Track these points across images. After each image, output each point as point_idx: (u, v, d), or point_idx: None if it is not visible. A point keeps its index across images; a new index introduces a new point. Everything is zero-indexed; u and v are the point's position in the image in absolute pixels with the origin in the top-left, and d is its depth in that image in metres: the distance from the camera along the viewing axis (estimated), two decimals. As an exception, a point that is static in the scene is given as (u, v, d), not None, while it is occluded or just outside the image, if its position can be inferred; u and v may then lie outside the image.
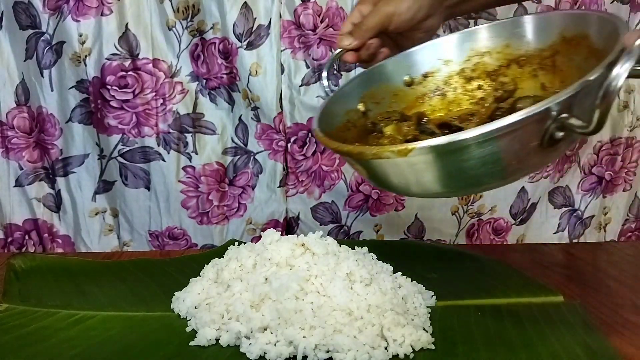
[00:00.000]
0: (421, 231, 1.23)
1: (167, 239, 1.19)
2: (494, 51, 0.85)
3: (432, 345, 0.71)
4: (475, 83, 0.88)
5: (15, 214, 1.16)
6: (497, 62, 0.86)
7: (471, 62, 0.87)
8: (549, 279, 0.95)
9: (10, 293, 0.84)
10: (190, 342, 0.72)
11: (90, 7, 1.08)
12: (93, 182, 1.17)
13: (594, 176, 1.24)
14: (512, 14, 1.11)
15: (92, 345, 0.71)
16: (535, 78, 0.84)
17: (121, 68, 1.10)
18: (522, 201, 1.22)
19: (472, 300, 0.85)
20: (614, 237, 1.29)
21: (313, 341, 0.68)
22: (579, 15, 0.79)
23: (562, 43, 0.80)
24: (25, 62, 1.10)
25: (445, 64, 0.88)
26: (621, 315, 0.82)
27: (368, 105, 0.87)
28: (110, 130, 1.13)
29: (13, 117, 1.12)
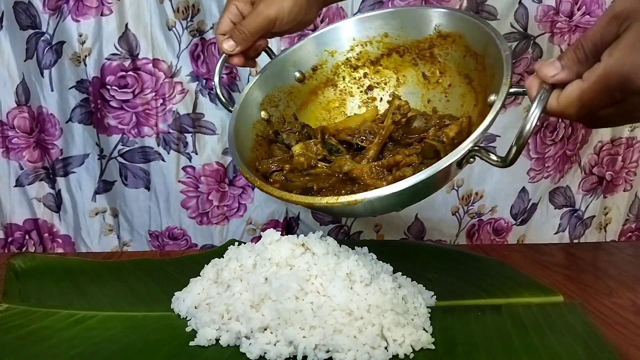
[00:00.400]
0: (421, 231, 1.23)
1: (167, 239, 1.19)
2: (374, 40, 0.91)
3: (432, 345, 0.72)
4: (361, 71, 0.94)
5: (15, 213, 1.16)
6: (379, 51, 0.92)
7: (355, 52, 0.93)
8: (549, 279, 0.96)
9: (10, 293, 0.84)
10: (190, 342, 0.72)
11: (90, 7, 1.07)
12: (93, 182, 1.16)
13: (595, 176, 1.24)
14: (513, 12, 1.12)
15: (92, 345, 0.71)
16: (416, 66, 0.92)
17: (121, 68, 1.10)
18: (523, 201, 1.22)
19: (472, 300, 0.85)
20: (614, 237, 1.29)
21: (313, 341, 0.68)
22: (453, 16, 0.85)
23: (438, 37, 0.87)
24: (25, 62, 1.10)
25: (331, 55, 0.93)
26: (621, 315, 0.82)
27: (269, 111, 0.90)
28: (110, 130, 1.13)
29: (13, 117, 1.12)
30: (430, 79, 0.92)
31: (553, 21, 1.12)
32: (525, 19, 1.12)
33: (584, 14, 1.12)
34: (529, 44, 1.13)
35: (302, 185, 0.79)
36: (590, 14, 1.12)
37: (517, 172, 1.20)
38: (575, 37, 1.13)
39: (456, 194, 1.20)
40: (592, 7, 1.12)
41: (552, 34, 1.13)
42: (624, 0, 0.57)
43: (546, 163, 1.20)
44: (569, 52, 0.61)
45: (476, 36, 0.82)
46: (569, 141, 1.20)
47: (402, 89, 0.94)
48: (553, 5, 1.11)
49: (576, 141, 1.21)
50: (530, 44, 1.13)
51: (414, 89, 0.94)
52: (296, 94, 0.93)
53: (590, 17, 1.12)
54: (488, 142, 1.16)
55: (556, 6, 1.12)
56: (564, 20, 1.12)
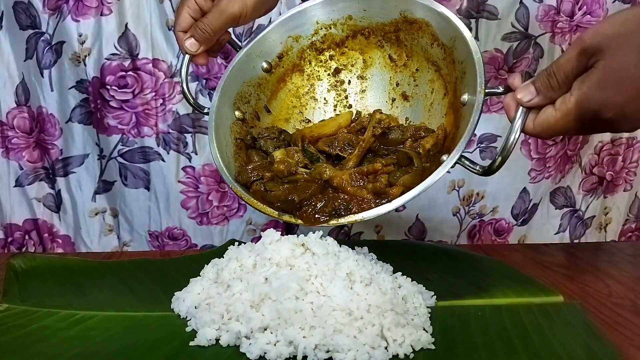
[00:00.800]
0: (422, 232, 1.23)
1: (167, 239, 1.19)
2: (338, 23, 0.92)
3: (432, 345, 0.72)
4: (327, 54, 0.94)
5: (15, 214, 1.16)
6: (344, 33, 0.93)
7: (319, 35, 0.93)
8: (549, 279, 0.96)
9: (10, 293, 0.84)
10: (190, 342, 0.72)
11: (89, 7, 1.07)
12: (93, 182, 1.16)
13: (595, 176, 1.24)
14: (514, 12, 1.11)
15: (92, 345, 0.71)
16: (382, 49, 0.93)
17: (121, 68, 1.10)
18: (524, 202, 1.22)
19: (472, 300, 0.85)
20: (614, 238, 1.29)
21: (313, 341, 0.68)
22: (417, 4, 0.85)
23: (404, 22, 0.88)
24: (25, 62, 1.10)
25: (295, 41, 0.93)
26: (621, 315, 0.82)
27: (242, 108, 0.91)
28: (110, 130, 1.13)
29: (13, 117, 1.12)
30: (398, 62, 0.93)
31: (554, 21, 1.12)
32: (526, 18, 1.11)
33: (585, 14, 1.12)
34: (529, 44, 1.13)
35: (283, 196, 0.79)
36: (591, 13, 1.12)
37: (518, 173, 1.20)
38: (576, 36, 1.13)
39: (457, 194, 1.20)
40: (593, 7, 1.12)
41: (553, 33, 1.13)
42: (591, 36, 0.63)
43: (547, 163, 1.20)
44: (542, 78, 0.67)
45: (444, 28, 0.84)
46: (569, 141, 1.20)
47: (370, 70, 0.95)
48: (554, 4, 1.11)
49: (577, 141, 1.21)
50: (531, 43, 1.13)
51: (381, 71, 0.95)
52: (265, 85, 0.93)
53: (591, 17, 1.12)
54: (489, 142, 1.16)
55: (557, 6, 1.12)
56: (565, 20, 1.12)
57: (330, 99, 0.97)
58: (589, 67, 0.63)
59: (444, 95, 0.89)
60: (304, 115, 0.97)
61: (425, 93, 0.92)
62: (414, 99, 0.94)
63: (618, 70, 0.61)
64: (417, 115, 0.94)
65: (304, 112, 0.97)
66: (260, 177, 0.82)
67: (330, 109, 0.97)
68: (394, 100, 0.95)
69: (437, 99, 0.90)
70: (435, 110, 0.92)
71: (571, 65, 0.64)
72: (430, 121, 0.92)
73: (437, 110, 0.91)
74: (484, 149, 1.16)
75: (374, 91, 0.96)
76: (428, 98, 0.92)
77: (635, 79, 0.61)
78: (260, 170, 0.83)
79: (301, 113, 0.97)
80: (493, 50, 1.13)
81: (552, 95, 0.67)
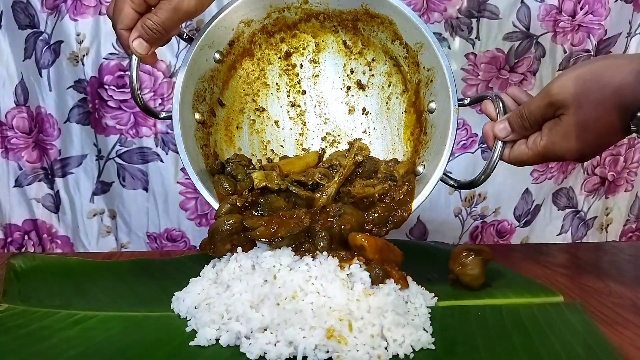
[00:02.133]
0: (424, 233, 1.22)
1: (166, 240, 1.19)
2: (293, 7, 0.90)
3: (432, 345, 0.71)
4: (278, 36, 0.93)
5: (14, 214, 1.16)
6: (297, 16, 0.91)
7: (272, 18, 0.91)
8: (550, 279, 0.96)
9: (10, 293, 0.84)
10: (190, 342, 0.72)
11: (88, 7, 1.07)
12: (91, 183, 1.16)
13: (597, 177, 1.24)
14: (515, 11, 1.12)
15: (92, 345, 0.71)
16: (337, 34, 0.93)
17: (119, 68, 1.10)
18: (527, 203, 1.22)
19: (472, 300, 0.85)
20: (615, 238, 1.29)
21: (313, 341, 0.68)
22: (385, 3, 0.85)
23: (364, 14, 0.88)
24: (24, 62, 1.10)
25: (247, 26, 0.91)
26: (621, 315, 0.82)
27: (199, 109, 0.89)
28: (108, 130, 1.12)
29: (12, 117, 1.12)
30: (352, 49, 0.93)
31: (556, 20, 1.12)
32: (527, 18, 1.12)
33: (587, 13, 1.12)
34: (531, 44, 1.13)
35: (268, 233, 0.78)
36: (593, 13, 1.12)
37: (520, 174, 1.20)
38: (578, 36, 1.13)
39: (459, 195, 1.20)
40: (595, 7, 1.12)
41: (554, 33, 1.13)
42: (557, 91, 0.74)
43: (549, 164, 1.20)
44: (516, 119, 0.79)
45: (410, 30, 0.86)
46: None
47: (322, 54, 0.95)
48: (555, 4, 1.11)
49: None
50: (532, 43, 1.13)
51: (334, 56, 0.95)
52: (217, 76, 0.91)
53: (593, 17, 1.12)
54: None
55: (559, 5, 1.12)
56: (566, 20, 1.12)
57: (282, 84, 0.96)
58: (556, 116, 0.75)
59: (403, 91, 0.91)
60: (257, 103, 0.96)
61: (382, 85, 0.93)
62: (371, 89, 0.94)
63: (579, 125, 0.73)
64: (375, 106, 0.95)
65: (257, 100, 0.96)
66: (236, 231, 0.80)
67: (283, 95, 0.96)
68: (349, 88, 0.95)
69: (395, 92, 0.92)
70: (393, 104, 0.93)
71: (540, 112, 0.76)
72: (389, 115, 0.94)
73: (396, 104, 0.93)
74: (485, 149, 1.16)
75: (327, 76, 0.96)
76: (385, 90, 0.93)
77: (592, 131, 0.73)
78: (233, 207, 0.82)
79: (254, 101, 0.95)
80: (494, 50, 1.13)
81: (524, 133, 0.80)
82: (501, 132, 0.81)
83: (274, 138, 0.97)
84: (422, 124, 0.90)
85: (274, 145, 0.97)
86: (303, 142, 0.98)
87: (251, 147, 0.96)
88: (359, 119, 0.97)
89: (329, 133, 0.98)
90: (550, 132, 0.76)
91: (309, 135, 0.98)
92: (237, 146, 0.95)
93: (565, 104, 0.73)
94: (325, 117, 0.97)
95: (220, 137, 0.93)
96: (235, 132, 0.95)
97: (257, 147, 0.96)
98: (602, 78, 0.71)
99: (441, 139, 0.85)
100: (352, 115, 0.97)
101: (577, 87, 0.72)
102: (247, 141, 0.96)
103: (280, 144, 0.97)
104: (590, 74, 0.72)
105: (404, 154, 0.94)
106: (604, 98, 0.71)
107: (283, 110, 0.97)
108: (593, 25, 1.13)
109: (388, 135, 0.96)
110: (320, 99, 0.97)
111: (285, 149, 0.97)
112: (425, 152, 0.89)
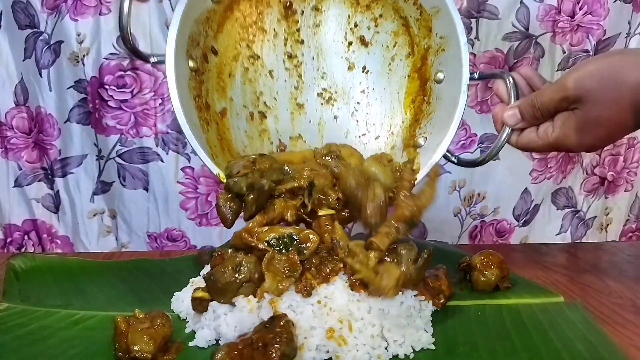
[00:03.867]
0: (423, 233, 1.22)
1: (166, 240, 1.19)
2: None
3: (432, 346, 0.71)
4: None
5: (14, 214, 1.16)
6: None
7: None
8: (549, 279, 0.96)
9: (10, 293, 0.84)
10: (190, 343, 0.72)
11: (88, 7, 1.07)
12: (91, 183, 1.16)
13: (596, 177, 1.24)
14: (514, 12, 1.11)
15: (92, 345, 0.71)
16: None
17: (119, 68, 1.10)
18: (526, 202, 1.22)
19: (472, 300, 0.85)
20: (615, 238, 1.29)
21: (313, 342, 0.68)
22: None
23: None
24: (24, 62, 1.10)
25: None
26: (621, 315, 0.82)
27: (193, 54, 0.83)
28: (109, 130, 1.12)
29: (12, 117, 1.12)
30: (360, 1, 0.89)
31: (555, 20, 1.12)
32: (526, 18, 1.11)
33: (586, 14, 1.12)
34: (530, 44, 1.13)
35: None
36: (592, 13, 1.12)
37: (519, 173, 1.20)
38: (577, 36, 1.13)
39: (458, 195, 1.20)
40: (594, 7, 1.12)
41: (553, 33, 1.13)
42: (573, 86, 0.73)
43: (549, 164, 1.20)
44: (527, 107, 0.78)
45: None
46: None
47: (326, 2, 0.90)
48: (555, 4, 1.11)
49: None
50: (532, 43, 1.13)
51: (338, 6, 0.90)
52: (212, 18, 0.85)
53: (592, 17, 1.12)
54: (490, 142, 1.15)
55: (558, 5, 1.12)
56: (565, 20, 1.12)
57: (280, 31, 0.91)
58: (570, 109, 0.75)
59: (409, 54, 0.87)
60: (252, 49, 0.90)
61: (386, 43, 0.89)
62: (374, 46, 0.91)
63: (593, 120, 0.73)
64: (376, 65, 0.91)
65: (252, 47, 0.90)
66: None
67: (280, 43, 0.91)
68: (351, 43, 0.92)
69: (399, 54, 0.89)
70: (396, 66, 0.90)
71: (554, 105, 0.76)
72: (391, 76, 0.90)
73: (399, 67, 0.90)
74: (485, 149, 1.16)
75: (329, 27, 0.92)
76: (389, 50, 0.89)
77: (606, 127, 0.73)
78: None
79: (249, 47, 0.90)
80: (494, 50, 1.13)
81: (535, 122, 0.79)
82: (510, 119, 0.80)
83: (267, 89, 0.92)
84: (426, 93, 0.88)
85: (266, 97, 0.92)
86: (298, 96, 0.93)
87: (243, 97, 0.91)
88: (358, 77, 0.93)
89: (326, 89, 0.94)
90: (563, 125, 0.76)
91: (304, 90, 0.93)
92: (229, 96, 0.89)
93: (581, 99, 0.73)
94: (322, 71, 0.93)
95: (212, 86, 0.87)
96: (227, 81, 0.89)
97: (249, 99, 0.91)
98: (619, 75, 0.71)
99: (447, 114, 0.83)
100: (352, 72, 0.93)
101: (594, 83, 0.72)
102: (239, 90, 0.90)
103: (274, 96, 0.93)
104: (607, 70, 0.72)
105: (402, 120, 0.91)
106: (620, 96, 0.70)
107: (279, 59, 0.92)
108: (592, 26, 1.13)
109: (387, 98, 0.93)
110: (319, 50, 0.92)
111: (278, 102, 0.93)
112: (427, 124, 0.87)
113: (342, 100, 0.93)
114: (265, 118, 0.92)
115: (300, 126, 0.94)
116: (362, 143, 0.94)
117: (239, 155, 0.87)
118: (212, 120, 0.86)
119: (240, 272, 0.72)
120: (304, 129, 0.94)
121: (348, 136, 0.94)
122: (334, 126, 0.94)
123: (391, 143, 0.92)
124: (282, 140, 0.92)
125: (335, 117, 0.94)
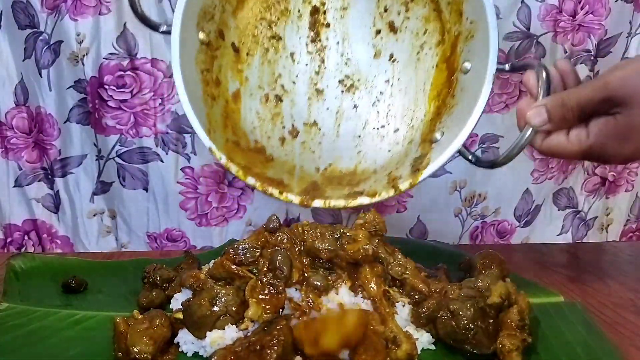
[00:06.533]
0: (424, 233, 1.22)
1: (166, 240, 1.19)
2: None
3: (432, 346, 0.71)
4: None
5: (14, 214, 1.16)
6: None
7: None
8: (550, 279, 0.96)
9: (10, 293, 0.84)
10: (190, 343, 0.72)
11: (88, 7, 1.07)
12: (91, 183, 1.16)
13: (597, 177, 1.24)
14: (515, 11, 1.11)
15: (92, 345, 0.71)
16: None
17: (119, 68, 1.10)
18: (527, 203, 1.22)
19: (473, 300, 0.84)
20: (615, 238, 1.29)
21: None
22: None
23: None
24: (24, 62, 1.09)
25: None
26: (621, 316, 0.82)
27: (205, 28, 0.80)
28: (108, 130, 1.12)
29: (12, 117, 1.11)
30: None
31: (556, 20, 1.12)
32: (528, 18, 1.11)
33: (587, 13, 1.12)
34: (531, 43, 1.13)
35: None
36: (593, 12, 1.12)
37: (520, 174, 1.19)
38: (578, 36, 1.13)
39: (459, 195, 1.19)
40: (595, 6, 1.12)
41: (555, 33, 1.13)
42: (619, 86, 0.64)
43: (550, 164, 1.19)
44: (557, 107, 0.68)
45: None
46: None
47: None
48: (556, 4, 1.11)
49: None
50: (533, 43, 1.13)
51: None
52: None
53: (594, 16, 1.12)
54: (491, 143, 1.15)
55: (559, 5, 1.11)
56: (567, 19, 1.12)
57: (305, 13, 0.87)
58: (609, 113, 0.65)
59: (439, 42, 0.83)
60: (273, 30, 0.87)
61: (416, 30, 0.84)
62: (403, 33, 0.86)
63: (635, 127, 0.64)
64: (404, 53, 0.87)
65: (273, 27, 0.87)
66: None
67: (304, 24, 0.88)
68: (379, 32, 0.87)
69: (429, 42, 0.84)
70: (425, 55, 0.85)
71: (592, 106, 0.66)
72: (418, 66, 0.86)
73: (428, 56, 0.85)
74: (485, 149, 1.16)
75: (357, 10, 0.87)
76: (419, 37, 0.84)
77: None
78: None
79: (270, 27, 0.87)
80: (494, 50, 1.12)
81: (562, 126, 0.69)
82: (534, 118, 0.69)
83: (287, 72, 0.89)
84: (452, 85, 0.81)
85: (285, 79, 0.89)
86: (318, 81, 0.90)
87: (260, 78, 0.88)
88: (384, 66, 0.88)
89: (348, 76, 0.90)
90: (600, 132, 0.66)
91: (325, 75, 0.90)
92: (245, 75, 0.86)
93: (625, 101, 0.64)
94: (347, 57, 0.89)
95: (226, 63, 0.84)
96: (245, 60, 0.86)
97: (265, 80, 0.88)
98: None
99: (468, 106, 0.76)
100: (378, 60, 0.88)
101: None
102: (256, 71, 0.87)
103: (293, 79, 0.89)
104: None
105: (424, 114, 0.86)
106: None
107: (302, 42, 0.88)
108: (593, 25, 1.13)
109: (412, 89, 0.87)
110: (345, 35, 0.88)
111: (296, 86, 0.89)
112: (448, 118, 0.81)
113: (365, 89, 0.90)
114: (281, 101, 0.89)
115: (316, 113, 0.90)
116: (380, 135, 0.89)
117: (244, 134, 0.84)
118: (221, 96, 0.83)
119: (217, 305, 0.71)
120: (321, 116, 0.90)
121: (366, 127, 0.90)
122: (353, 115, 0.90)
123: (410, 137, 0.87)
124: (295, 125, 0.89)
125: (355, 106, 0.90)
